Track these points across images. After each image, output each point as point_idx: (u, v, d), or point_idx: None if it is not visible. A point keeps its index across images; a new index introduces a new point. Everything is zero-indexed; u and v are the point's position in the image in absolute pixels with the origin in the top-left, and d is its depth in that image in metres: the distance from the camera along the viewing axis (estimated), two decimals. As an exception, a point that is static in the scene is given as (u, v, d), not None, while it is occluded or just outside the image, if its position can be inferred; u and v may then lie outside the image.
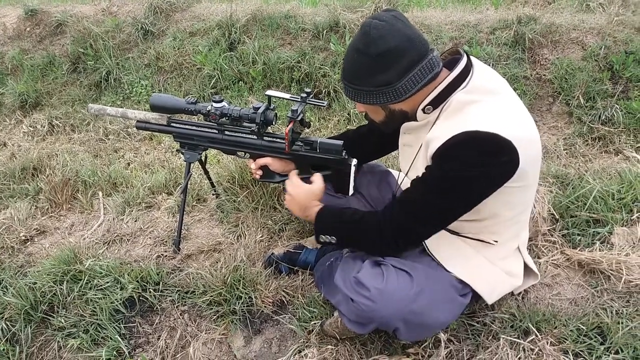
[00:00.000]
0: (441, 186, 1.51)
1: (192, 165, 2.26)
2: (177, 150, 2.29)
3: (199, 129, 2.14)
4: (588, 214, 2.22)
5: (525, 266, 1.83)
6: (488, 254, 1.71)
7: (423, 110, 1.60)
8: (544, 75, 3.46)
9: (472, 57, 1.62)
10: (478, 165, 1.44)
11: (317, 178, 1.92)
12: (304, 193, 1.89)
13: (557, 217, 2.25)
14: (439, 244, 1.75)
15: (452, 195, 1.51)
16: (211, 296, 2.07)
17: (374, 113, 1.70)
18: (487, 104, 1.50)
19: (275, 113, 2.04)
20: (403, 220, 1.59)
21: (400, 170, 1.94)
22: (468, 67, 1.56)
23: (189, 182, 2.44)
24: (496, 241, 1.69)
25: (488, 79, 1.57)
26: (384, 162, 2.59)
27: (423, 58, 1.53)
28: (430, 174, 1.54)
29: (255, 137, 2.05)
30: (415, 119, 1.65)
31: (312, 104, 1.98)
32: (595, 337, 1.76)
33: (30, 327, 2.11)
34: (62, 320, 2.08)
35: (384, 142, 1.98)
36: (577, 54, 3.47)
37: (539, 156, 1.61)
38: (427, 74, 1.54)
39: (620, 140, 3.13)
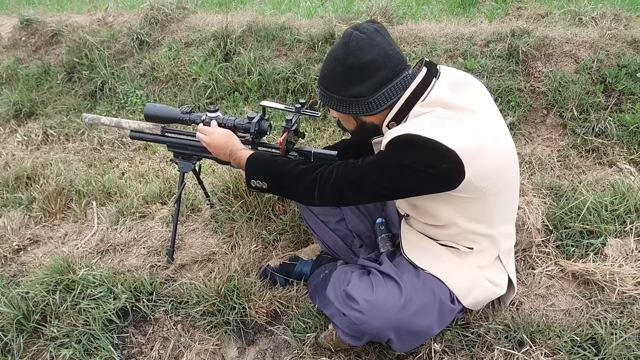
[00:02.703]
0: (382, 165, 1.55)
1: (186, 174, 2.26)
2: (171, 160, 2.29)
3: (194, 138, 2.14)
4: (582, 225, 2.23)
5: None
6: (467, 260, 1.72)
7: (387, 125, 1.63)
8: (538, 87, 3.48)
9: (445, 69, 1.66)
10: (416, 162, 1.48)
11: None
12: (219, 132, 1.97)
13: (551, 228, 2.26)
14: (416, 249, 1.77)
15: (387, 175, 1.54)
16: (205, 306, 2.06)
17: (345, 121, 1.76)
18: (440, 114, 1.53)
19: (270, 123, 2.05)
20: (343, 183, 1.63)
21: None
22: (427, 80, 1.59)
23: (183, 192, 2.44)
24: (471, 248, 1.70)
25: (452, 91, 1.58)
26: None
27: (397, 75, 1.58)
28: (378, 154, 1.60)
29: (249, 146, 2.05)
30: (382, 134, 1.68)
31: (306, 114, 1.99)
32: (589, 348, 1.76)
33: (23, 337, 2.09)
34: (55, 330, 2.06)
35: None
36: (571, 66, 3.50)
37: (502, 174, 1.59)
38: (400, 91, 1.59)
39: (613, 152, 3.15)
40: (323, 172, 1.67)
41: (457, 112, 1.53)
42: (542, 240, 2.22)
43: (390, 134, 1.55)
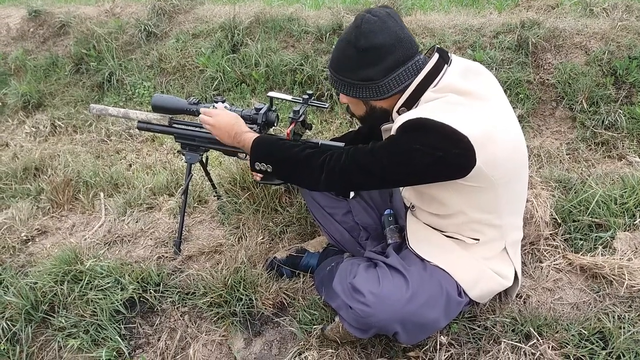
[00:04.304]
0: (393, 149, 1.53)
1: (193, 166, 2.26)
2: (178, 152, 2.29)
3: (201, 130, 2.14)
4: (590, 219, 2.21)
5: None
6: (472, 252, 1.70)
7: (397, 111, 1.62)
8: (548, 79, 3.45)
9: (456, 57, 1.65)
10: (427, 146, 1.46)
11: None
12: (225, 114, 1.94)
13: (559, 221, 2.24)
14: (421, 241, 1.76)
15: (397, 160, 1.52)
16: (212, 298, 2.07)
17: (355, 106, 1.73)
18: (452, 99, 1.51)
19: (277, 114, 2.04)
20: (352, 167, 1.60)
21: None
22: (439, 66, 1.58)
23: (190, 184, 2.44)
24: (477, 239, 1.68)
25: (463, 79, 1.57)
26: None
27: (409, 60, 1.56)
28: (389, 138, 1.58)
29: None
30: (392, 120, 1.67)
31: (314, 105, 1.98)
32: (597, 342, 1.75)
33: (31, 327, 2.11)
34: (63, 321, 2.08)
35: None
36: (581, 58, 3.46)
37: (512, 163, 1.58)
38: (412, 76, 1.58)
39: (623, 145, 3.12)
40: (332, 155, 1.65)
41: (469, 99, 1.51)
42: (550, 234, 2.20)
43: (400, 119, 1.53)
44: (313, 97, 1.99)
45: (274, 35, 4.11)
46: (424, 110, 1.51)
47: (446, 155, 1.45)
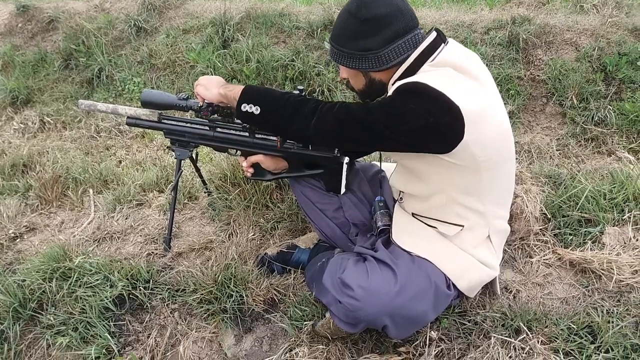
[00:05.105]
0: (389, 109, 1.53)
1: (183, 162, 2.24)
2: (168, 148, 2.27)
3: (191, 125, 2.13)
4: (580, 214, 2.22)
5: None
6: (457, 242, 1.71)
7: (393, 84, 1.63)
8: (538, 75, 3.46)
9: (452, 40, 1.67)
10: (421, 107, 1.47)
11: None
12: (214, 76, 1.96)
13: (549, 216, 2.25)
14: (406, 233, 1.77)
15: (392, 119, 1.52)
16: (202, 294, 2.06)
17: (355, 79, 1.74)
18: (450, 73, 1.53)
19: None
20: (347, 118, 1.59)
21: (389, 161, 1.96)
22: (437, 43, 1.60)
23: (180, 180, 2.43)
24: (462, 226, 1.68)
25: (460, 57, 1.59)
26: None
27: (409, 32, 1.58)
28: (384, 98, 1.60)
29: (247, 134, 2.04)
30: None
31: (304, 101, 1.97)
32: (586, 336, 1.76)
33: (19, 325, 2.09)
34: (51, 318, 2.06)
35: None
36: (571, 55, 3.48)
37: (499, 149, 1.59)
38: (411, 48, 1.59)
39: (612, 141, 3.14)
40: (325, 103, 1.66)
41: (466, 76, 1.54)
42: (540, 229, 2.21)
43: (397, 84, 1.56)
44: (304, 93, 1.98)
45: (265, 30, 4.09)
46: (421, 77, 1.53)
47: (437, 121, 1.46)
